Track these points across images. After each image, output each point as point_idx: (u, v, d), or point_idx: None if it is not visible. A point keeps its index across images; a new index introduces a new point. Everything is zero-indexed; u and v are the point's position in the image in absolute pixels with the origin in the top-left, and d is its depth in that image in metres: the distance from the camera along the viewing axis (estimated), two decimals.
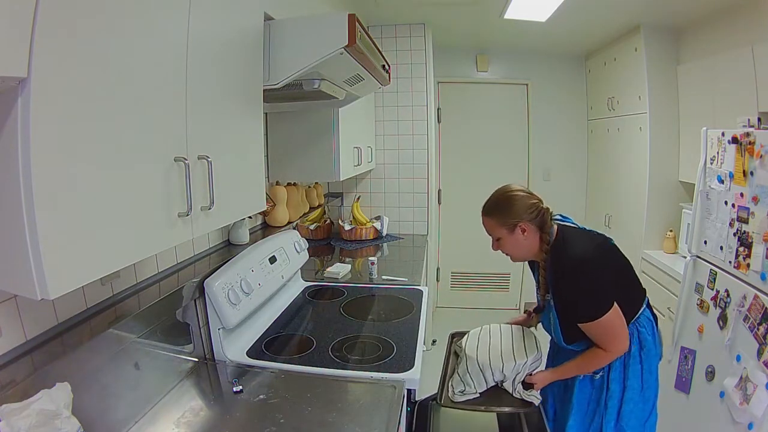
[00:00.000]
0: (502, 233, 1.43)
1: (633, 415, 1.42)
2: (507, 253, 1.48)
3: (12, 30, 0.56)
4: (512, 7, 2.66)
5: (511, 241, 1.43)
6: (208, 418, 1.18)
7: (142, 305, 1.20)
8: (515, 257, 1.48)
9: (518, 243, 1.43)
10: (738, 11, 2.32)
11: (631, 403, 1.42)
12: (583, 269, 1.34)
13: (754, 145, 1.70)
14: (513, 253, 1.47)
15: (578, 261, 1.34)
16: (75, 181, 0.68)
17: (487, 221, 1.46)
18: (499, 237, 1.44)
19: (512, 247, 1.45)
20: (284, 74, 1.29)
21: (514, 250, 1.46)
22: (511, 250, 1.46)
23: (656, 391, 1.48)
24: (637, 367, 1.43)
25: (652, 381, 1.45)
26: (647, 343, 1.44)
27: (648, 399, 1.45)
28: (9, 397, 0.81)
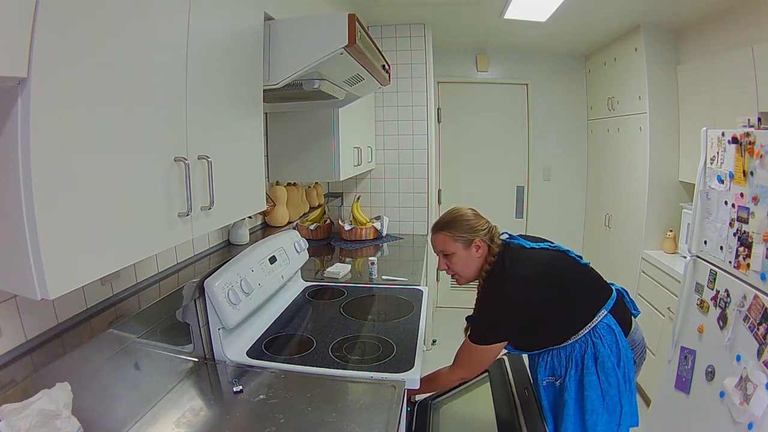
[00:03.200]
0: (457, 248, 1.43)
1: (599, 426, 1.38)
2: (454, 272, 1.47)
3: (12, 30, 0.56)
4: (512, 7, 2.66)
5: (464, 257, 1.43)
6: (208, 418, 1.18)
7: (142, 305, 1.20)
8: (463, 275, 1.47)
9: (470, 260, 1.43)
10: (738, 11, 2.32)
11: (594, 415, 1.38)
12: (496, 306, 1.38)
13: (754, 145, 1.70)
14: (462, 272, 1.46)
15: (497, 292, 1.38)
16: (75, 181, 0.68)
17: (441, 237, 1.45)
18: (453, 252, 1.43)
19: (464, 265, 1.44)
20: (284, 74, 1.29)
21: (465, 269, 1.45)
22: (462, 268, 1.45)
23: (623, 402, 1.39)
24: (594, 379, 1.38)
25: (613, 393, 1.39)
26: (602, 355, 1.38)
27: (614, 410, 1.39)
28: (9, 397, 0.81)
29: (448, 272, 1.49)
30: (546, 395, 1.47)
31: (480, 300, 1.44)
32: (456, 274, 1.47)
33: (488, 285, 1.42)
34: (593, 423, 1.37)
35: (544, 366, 1.46)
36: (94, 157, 0.71)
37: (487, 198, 3.99)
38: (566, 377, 1.41)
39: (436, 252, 1.48)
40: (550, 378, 1.45)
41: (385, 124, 3.24)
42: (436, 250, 1.48)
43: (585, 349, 1.39)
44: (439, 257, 1.48)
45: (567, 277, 1.43)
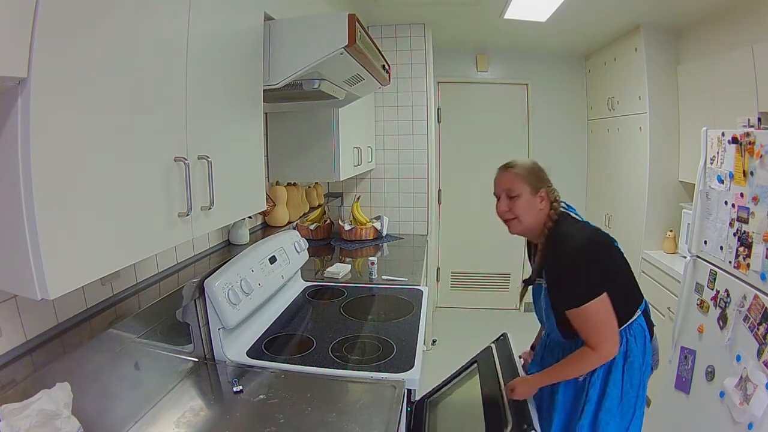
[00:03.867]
0: (524, 191, 1.37)
1: (610, 426, 1.36)
2: (515, 216, 1.39)
3: (12, 30, 0.56)
4: (512, 7, 2.66)
5: (528, 203, 1.38)
6: (208, 418, 1.18)
7: (142, 305, 1.20)
8: (522, 222, 1.39)
9: (533, 208, 1.38)
10: (738, 11, 2.32)
11: (608, 414, 1.36)
12: (581, 256, 1.31)
13: (754, 145, 1.70)
14: (523, 217, 1.38)
15: (570, 246, 1.32)
16: (75, 181, 0.68)
17: (509, 175, 1.40)
18: (518, 194, 1.37)
19: (525, 211, 1.38)
20: (284, 74, 1.29)
21: (526, 215, 1.38)
22: (523, 212, 1.38)
23: (637, 407, 1.39)
24: (618, 377, 1.37)
25: (632, 395, 1.38)
26: (633, 354, 1.38)
27: (626, 414, 1.38)
28: (9, 397, 0.81)
29: (506, 215, 1.41)
30: (565, 390, 1.44)
31: (553, 262, 1.35)
32: (516, 218, 1.39)
33: (554, 244, 1.35)
34: (605, 422, 1.36)
35: None
36: (94, 156, 0.71)
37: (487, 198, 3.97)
38: (593, 371, 1.38)
39: (500, 191, 1.42)
40: None
41: (385, 124, 3.24)
42: (501, 188, 1.41)
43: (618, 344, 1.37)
44: (501, 198, 1.42)
45: (623, 261, 1.43)
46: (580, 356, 1.34)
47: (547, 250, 1.37)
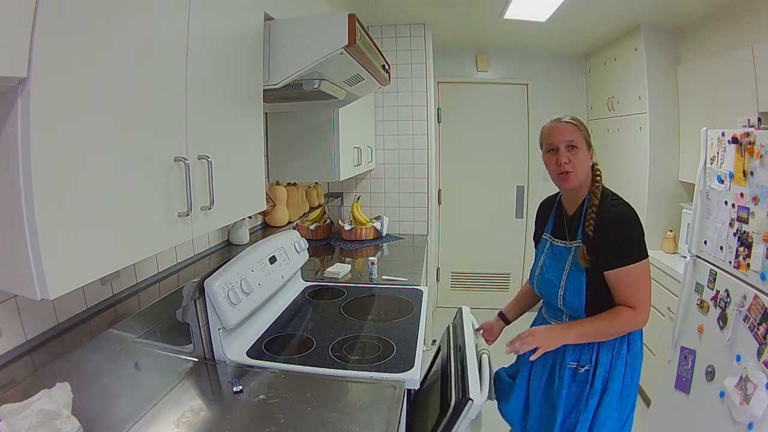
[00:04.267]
0: (582, 145, 1.39)
1: (609, 422, 1.34)
2: (574, 168, 1.38)
3: (12, 30, 0.56)
4: (512, 7, 2.66)
5: (585, 157, 1.40)
6: (208, 418, 1.18)
7: (142, 305, 1.20)
8: (578, 176, 1.39)
9: (587, 163, 1.41)
10: (738, 11, 2.32)
11: (608, 408, 1.35)
12: (633, 218, 1.34)
13: (754, 145, 1.70)
14: (579, 172, 1.39)
15: (630, 210, 1.36)
16: (75, 181, 0.68)
17: (571, 127, 1.40)
18: (578, 147, 1.38)
19: (582, 164, 1.39)
20: (284, 74, 1.29)
21: (583, 169, 1.40)
22: (580, 165, 1.39)
23: (634, 403, 1.40)
24: (621, 370, 1.36)
25: (632, 389, 1.38)
26: (635, 346, 1.38)
27: (625, 408, 1.37)
28: (9, 397, 0.81)
29: (565, 166, 1.38)
30: (567, 382, 1.40)
31: (612, 220, 1.34)
32: (573, 171, 1.38)
33: (611, 204, 1.37)
34: (605, 417, 1.35)
35: (572, 349, 1.39)
36: (94, 156, 0.71)
37: (487, 198, 3.99)
38: (597, 364, 1.36)
39: (559, 141, 1.39)
40: (573, 363, 1.40)
41: (385, 124, 3.24)
42: (561, 138, 1.39)
43: (622, 338, 1.37)
44: (560, 149, 1.39)
45: None
46: (618, 313, 1.32)
47: (601, 210, 1.36)
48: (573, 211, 1.47)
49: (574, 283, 1.38)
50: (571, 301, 1.40)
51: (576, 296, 1.38)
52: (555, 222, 1.55)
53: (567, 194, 1.50)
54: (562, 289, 1.41)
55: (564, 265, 1.43)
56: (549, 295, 1.48)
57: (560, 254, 1.46)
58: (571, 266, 1.40)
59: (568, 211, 1.49)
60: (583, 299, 1.37)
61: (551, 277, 1.46)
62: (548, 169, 1.45)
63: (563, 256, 1.44)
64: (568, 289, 1.40)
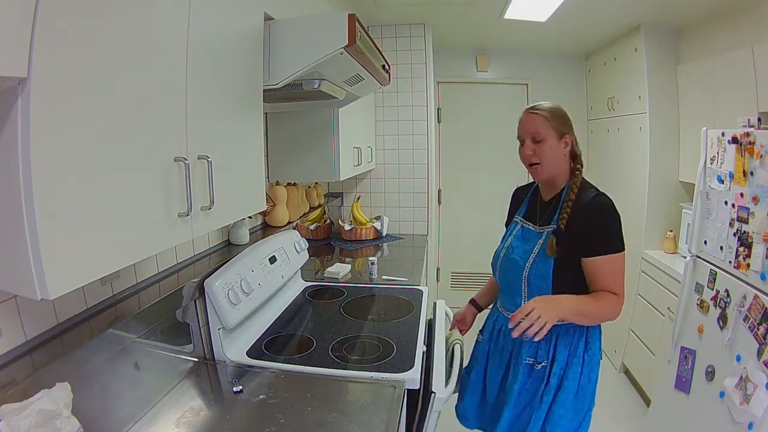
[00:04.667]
0: (549, 135, 1.34)
1: (562, 421, 1.31)
2: (540, 161, 1.35)
3: (12, 30, 0.56)
4: (512, 7, 2.66)
5: (553, 148, 1.34)
6: (208, 418, 1.18)
7: (142, 305, 1.20)
8: (546, 168, 1.36)
9: (557, 154, 1.35)
10: (738, 11, 2.32)
11: (563, 407, 1.32)
12: (615, 209, 1.31)
13: (754, 145, 1.70)
14: (547, 163, 1.35)
15: (611, 203, 1.32)
16: (75, 181, 0.68)
17: (536, 117, 1.35)
18: (544, 139, 1.33)
19: (550, 156, 1.34)
20: (284, 74, 1.29)
21: (551, 161, 1.35)
22: (548, 158, 1.34)
23: (591, 404, 1.37)
24: (577, 370, 1.33)
25: (589, 391, 1.35)
26: (593, 346, 1.35)
27: (580, 409, 1.34)
28: (9, 397, 0.81)
29: (531, 159, 1.36)
30: (522, 378, 1.37)
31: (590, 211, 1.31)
32: (539, 164, 1.36)
33: (589, 195, 1.33)
34: (558, 416, 1.32)
35: (529, 344, 1.36)
36: (94, 156, 0.71)
37: (488, 198, 3.98)
38: (554, 361, 1.34)
39: (526, 134, 1.37)
40: (530, 359, 1.37)
41: (385, 124, 3.24)
42: (527, 131, 1.36)
43: (580, 333, 1.34)
44: (525, 141, 1.37)
45: None
46: (606, 297, 1.30)
47: (579, 202, 1.33)
48: (549, 198, 1.45)
49: (541, 265, 1.35)
50: (537, 283, 1.36)
51: (542, 278, 1.35)
52: (529, 205, 1.53)
53: (542, 183, 1.48)
54: (527, 270, 1.37)
55: (533, 247, 1.39)
56: (512, 276, 1.43)
57: (530, 236, 1.44)
58: (540, 249, 1.37)
59: (544, 196, 1.47)
60: (550, 282, 1.33)
61: (517, 257, 1.42)
62: (521, 160, 1.43)
63: (533, 238, 1.42)
64: (533, 270, 1.36)
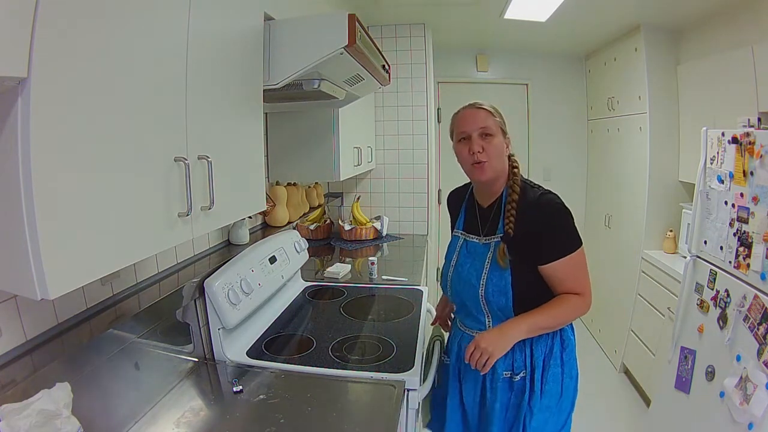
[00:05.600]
0: (497, 132, 1.28)
1: (548, 425, 1.26)
2: (488, 158, 1.27)
3: (12, 30, 0.56)
4: (512, 7, 2.66)
5: (500, 146, 1.28)
6: (208, 418, 1.18)
7: (142, 305, 1.20)
8: (492, 166, 1.28)
9: (502, 152, 1.29)
10: (738, 11, 2.32)
11: (546, 412, 1.26)
12: (564, 206, 1.25)
13: (754, 145, 1.70)
14: (494, 162, 1.28)
15: (558, 200, 1.26)
16: (75, 181, 0.68)
17: (484, 113, 1.28)
18: (493, 135, 1.27)
19: (498, 154, 1.28)
20: (284, 74, 1.29)
21: (498, 159, 1.28)
22: (495, 156, 1.27)
23: (573, 400, 1.32)
24: (557, 371, 1.27)
25: (571, 387, 1.30)
26: (569, 343, 1.30)
27: (564, 410, 1.30)
28: (9, 397, 0.81)
29: (479, 156, 1.27)
30: (501, 395, 1.29)
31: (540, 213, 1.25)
32: (488, 161, 1.27)
33: (534, 195, 1.27)
34: (544, 421, 1.26)
35: (503, 357, 1.24)
36: (94, 156, 0.71)
37: None
38: (533, 369, 1.27)
39: (471, 129, 1.28)
40: (506, 373, 1.29)
41: (385, 124, 3.24)
42: (474, 126, 1.27)
43: (554, 336, 1.29)
44: (472, 137, 1.28)
45: None
46: (567, 300, 1.24)
47: (524, 203, 1.26)
48: (488, 203, 1.37)
49: (497, 281, 1.27)
50: (495, 300, 1.27)
51: (501, 295, 1.26)
52: (467, 216, 1.44)
53: (480, 187, 1.38)
54: (483, 288, 1.28)
55: (483, 263, 1.31)
56: (467, 297, 1.33)
57: (476, 251, 1.34)
58: (491, 263, 1.29)
59: (482, 202, 1.39)
60: (510, 297, 1.25)
61: (468, 276, 1.32)
62: (460, 160, 1.34)
63: (480, 252, 1.33)
64: (490, 288, 1.27)
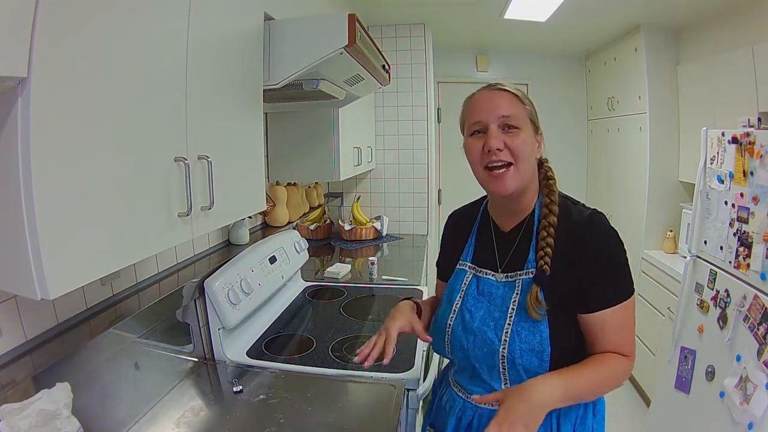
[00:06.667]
0: (526, 124, 0.94)
1: None
2: (513, 156, 0.91)
3: (12, 30, 0.56)
4: (512, 7, 2.66)
5: (530, 142, 0.94)
6: (208, 418, 1.18)
7: (142, 305, 1.20)
8: (520, 169, 0.92)
9: (533, 152, 0.95)
10: (738, 11, 2.32)
11: None
12: (617, 234, 0.92)
13: (754, 145, 1.70)
14: (523, 165, 0.92)
15: (610, 224, 0.92)
16: (75, 181, 0.68)
17: (509, 98, 0.94)
18: (520, 127, 0.93)
19: (528, 152, 0.93)
20: (284, 74, 1.29)
21: (528, 158, 0.93)
22: (522, 155, 0.92)
23: None
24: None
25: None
26: (601, 407, 0.98)
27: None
28: (9, 397, 0.81)
29: (499, 154, 0.90)
30: None
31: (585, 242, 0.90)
32: (513, 164, 0.91)
33: (577, 216, 0.93)
34: None
35: None
36: (95, 156, 0.71)
37: None
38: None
39: (492, 117, 0.93)
40: None
41: (385, 124, 3.24)
42: (497, 113, 0.92)
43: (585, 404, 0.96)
44: (490, 129, 0.92)
45: None
46: (613, 363, 0.88)
47: (568, 223, 0.92)
48: (511, 227, 1.01)
49: (528, 336, 0.90)
50: (525, 363, 0.89)
51: (534, 356, 0.89)
52: (478, 244, 1.06)
53: (501, 202, 1.01)
54: (505, 346, 0.91)
55: (505, 309, 0.94)
56: (479, 356, 0.95)
57: (493, 293, 0.98)
58: (517, 310, 0.92)
59: (503, 226, 1.03)
60: (548, 359, 0.88)
61: (483, 329, 0.94)
62: (472, 161, 0.98)
63: (499, 296, 0.97)
64: (516, 346, 0.90)
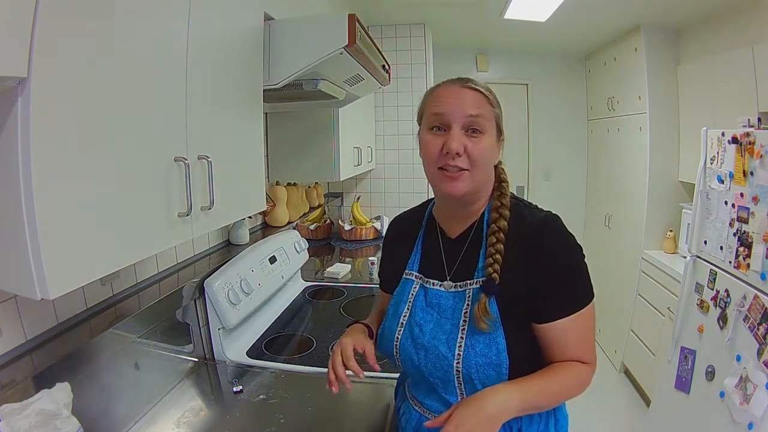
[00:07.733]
0: (491, 128, 0.88)
1: None
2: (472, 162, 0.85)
3: (12, 30, 0.56)
4: (512, 7, 2.66)
5: (491, 148, 0.88)
6: (208, 418, 1.18)
7: (142, 305, 1.20)
8: (474, 175, 0.86)
9: (492, 158, 0.89)
10: (738, 11, 2.32)
11: None
12: (574, 239, 0.87)
13: (754, 145, 1.70)
14: (479, 171, 0.87)
15: (565, 227, 0.88)
16: (75, 181, 0.68)
17: (477, 97, 0.88)
18: (484, 131, 0.86)
19: (484, 162, 0.87)
20: (284, 74, 1.29)
21: (486, 165, 0.88)
22: (481, 163, 0.86)
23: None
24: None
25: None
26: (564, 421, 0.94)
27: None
28: (9, 397, 0.81)
29: (457, 160, 0.85)
30: None
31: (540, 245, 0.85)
32: (468, 170, 0.85)
33: (530, 218, 0.89)
34: None
35: None
36: (95, 156, 0.71)
37: None
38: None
39: (458, 116, 0.85)
40: None
41: (385, 124, 3.24)
42: (462, 112, 0.85)
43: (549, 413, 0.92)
44: (452, 130, 0.85)
45: None
46: (571, 370, 0.85)
47: (520, 227, 0.87)
48: (458, 233, 0.95)
49: (483, 348, 0.83)
50: (482, 376, 0.83)
51: (491, 368, 0.82)
52: (425, 251, 0.98)
53: (450, 205, 0.95)
54: (459, 360, 0.83)
55: (457, 321, 0.87)
56: (432, 371, 0.87)
57: (444, 305, 0.90)
58: (469, 323, 0.85)
59: (449, 231, 0.96)
60: (506, 371, 0.82)
61: (434, 343, 0.87)
62: (425, 157, 0.92)
63: (449, 307, 0.90)
64: (472, 360, 0.83)
